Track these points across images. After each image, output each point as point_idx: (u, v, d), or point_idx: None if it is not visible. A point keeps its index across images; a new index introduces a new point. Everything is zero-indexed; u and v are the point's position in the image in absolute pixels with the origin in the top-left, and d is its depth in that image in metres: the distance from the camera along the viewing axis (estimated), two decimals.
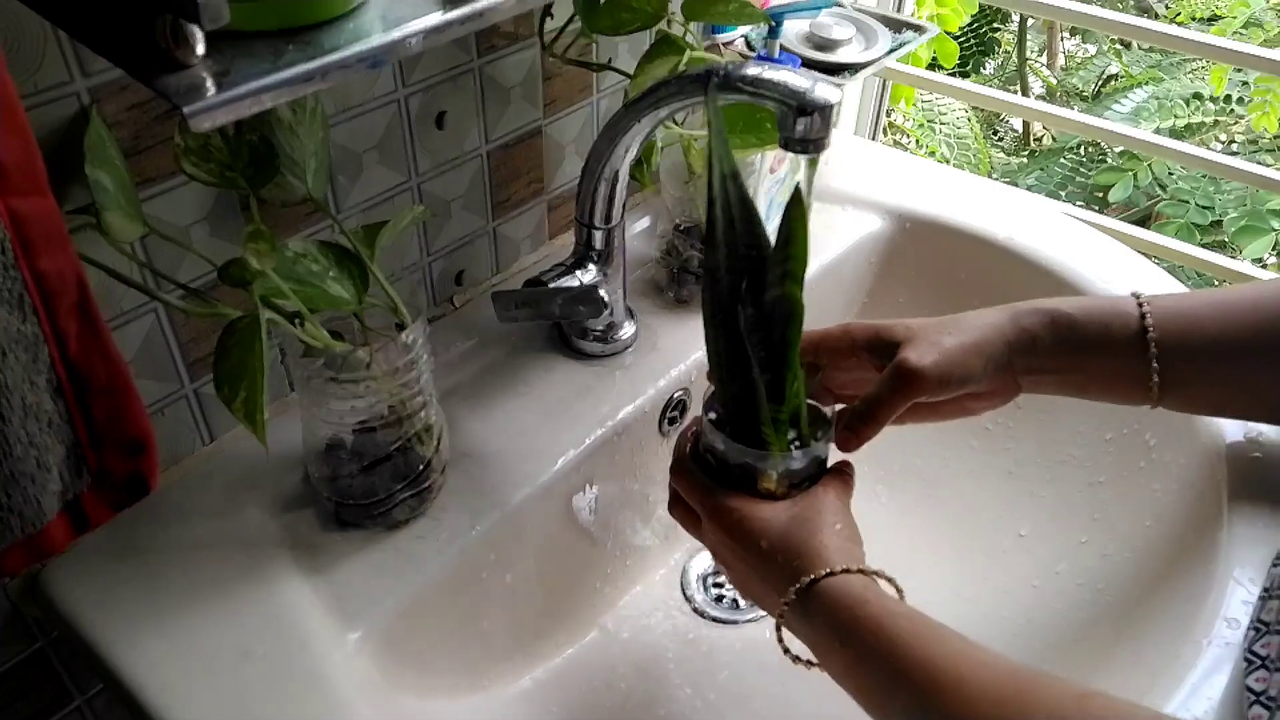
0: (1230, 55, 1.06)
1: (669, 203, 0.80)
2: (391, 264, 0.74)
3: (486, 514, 0.65)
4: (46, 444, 0.44)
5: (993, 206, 0.91)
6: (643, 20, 0.67)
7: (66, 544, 0.48)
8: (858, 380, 0.63)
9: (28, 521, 0.44)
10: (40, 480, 0.44)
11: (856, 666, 0.50)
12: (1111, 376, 0.60)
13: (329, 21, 0.43)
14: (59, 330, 0.43)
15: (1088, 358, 0.60)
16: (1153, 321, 0.59)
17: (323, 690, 0.55)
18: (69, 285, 0.42)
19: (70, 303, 0.42)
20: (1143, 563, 0.70)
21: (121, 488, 0.49)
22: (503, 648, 0.70)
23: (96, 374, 0.45)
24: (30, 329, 0.41)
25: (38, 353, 0.42)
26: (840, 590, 0.51)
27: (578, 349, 0.78)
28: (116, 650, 0.56)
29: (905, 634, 0.48)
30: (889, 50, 0.87)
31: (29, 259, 0.40)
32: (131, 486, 0.50)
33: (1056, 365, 0.60)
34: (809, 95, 0.55)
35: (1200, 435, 0.70)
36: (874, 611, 0.50)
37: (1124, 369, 0.59)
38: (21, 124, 0.38)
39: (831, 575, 0.52)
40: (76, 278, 0.42)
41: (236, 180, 0.53)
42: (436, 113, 0.70)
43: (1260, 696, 0.50)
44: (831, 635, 0.51)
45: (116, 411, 0.47)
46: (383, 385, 0.58)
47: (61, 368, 0.43)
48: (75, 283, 0.42)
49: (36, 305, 0.41)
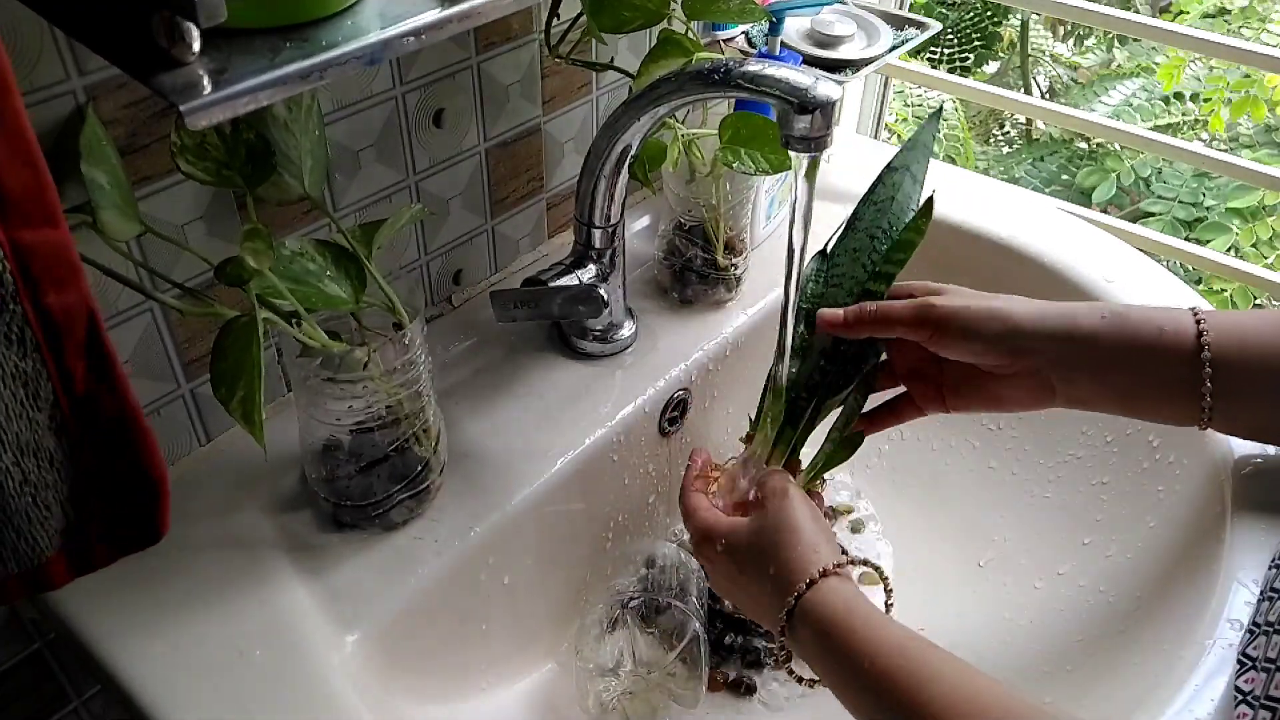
0: (1228, 51, 1.06)
1: (671, 201, 0.79)
2: (389, 263, 0.73)
3: (485, 515, 0.65)
4: (46, 482, 0.43)
5: (993, 205, 0.91)
6: (645, 18, 0.66)
7: (65, 582, 0.47)
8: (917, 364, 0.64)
9: (22, 557, 0.44)
10: (37, 518, 0.43)
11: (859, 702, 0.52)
12: (1162, 386, 0.58)
13: (326, 18, 0.43)
14: (64, 367, 0.41)
15: (1140, 362, 0.58)
16: (1209, 332, 0.56)
17: (320, 692, 0.54)
18: (77, 322, 0.40)
19: (78, 340, 0.41)
20: (1145, 564, 0.70)
21: (130, 531, 0.48)
22: (501, 650, 0.69)
23: (105, 414, 0.43)
24: (31, 365, 0.40)
25: (38, 389, 0.41)
26: (822, 610, 0.54)
27: (577, 349, 0.77)
28: (113, 651, 0.56)
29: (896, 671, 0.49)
30: (891, 47, 0.87)
31: (33, 293, 0.39)
32: (141, 531, 0.48)
33: (1105, 363, 0.58)
34: (810, 92, 0.54)
35: (1204, 436, 0.69)
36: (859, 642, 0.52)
37: (1175, 380, 0.57)
38: (33, 153, 0.37)
39: (813, 584, 0.54)
40: (87, 314, 0.41)
41: (233, 179, 0.53)
42: (434, 110, 0.70)
43: (1247, 696, 0.50)
44: (826, 664, 0.54)
45: (127, 454, 0.45)
46: (380, 385, 0.57)
47: (67, 405, 0.42)
48: (85, 319, 0.41)
49: (39, 340, 0.40)
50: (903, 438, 0.88)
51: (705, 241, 0.79)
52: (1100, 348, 0.58)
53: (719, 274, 0.81)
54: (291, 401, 0.69)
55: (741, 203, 0.79)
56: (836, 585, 0.54)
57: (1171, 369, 0.57)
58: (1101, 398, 0.60)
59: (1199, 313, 0.58)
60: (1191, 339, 0.57)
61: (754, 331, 0.82)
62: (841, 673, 0.52)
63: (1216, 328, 0.57)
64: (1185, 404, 0.57)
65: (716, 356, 0.80)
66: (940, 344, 0.59)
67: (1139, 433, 0.75)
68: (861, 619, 0.52)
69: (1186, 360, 0.57)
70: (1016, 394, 0.61)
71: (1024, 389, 0.61)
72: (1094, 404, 0.60)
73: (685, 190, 0.78)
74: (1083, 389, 0.59)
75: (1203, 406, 0.57)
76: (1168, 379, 0.57)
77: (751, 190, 0.80)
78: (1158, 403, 0.59)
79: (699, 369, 0.78)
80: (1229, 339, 0.57)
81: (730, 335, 0.81)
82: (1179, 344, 0.57)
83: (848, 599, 0.54)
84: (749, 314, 0.82)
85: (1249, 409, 0.58)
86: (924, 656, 0.50)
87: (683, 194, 0.78)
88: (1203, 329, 0.57)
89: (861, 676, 0.50)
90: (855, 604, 0.53)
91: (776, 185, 0.86)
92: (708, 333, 0.80)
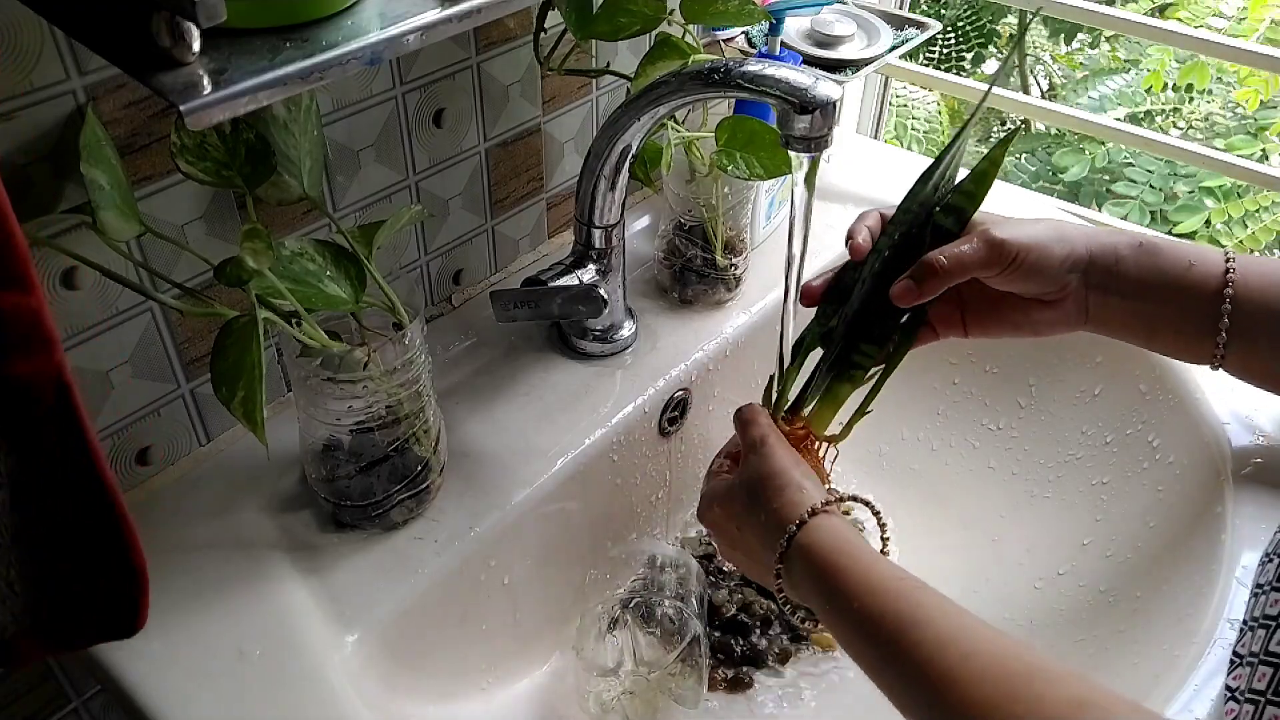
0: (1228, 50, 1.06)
1: (671, 201, 0.79)
2: (389, 263, 0.73)
3: (485, 515, 0.65)
4: (8, 559, 0.40)
5: (993, 204, 0.91)
6: (641, 23, 0.66)
7: (36, 659, 0.44)
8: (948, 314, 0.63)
9: None
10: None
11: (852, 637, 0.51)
12: (1182, 320, 0.58)
13: (326, 18, 0.43)
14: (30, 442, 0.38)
15: (1165, 291, 0.58)
16: (1235, 271, 0.57)
17: (320, 692, 0.54)
18: (46, 393, 0.37)
19: (46, 412, 0.38)
20: (1145, 564, 0.70)
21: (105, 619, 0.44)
22: (502, 650, 0.69)
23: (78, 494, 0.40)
24: None
25: None
26: (815, 550, 0.53)
27: (577, 349, 0.77)
28: (113, 651, 0.55)
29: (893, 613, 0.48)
30: (891, 47, 0.87)
31: None
32: (116, 620, 0.45)
33: (1133, 290, 0.59)
34: (810, 92, 0.54)
35: (1204, 436, 0.69)
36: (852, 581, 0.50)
37: (1196, 314, 0.58)
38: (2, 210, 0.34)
39: (803, 525, 0.53)
40: (57, 386, 0.38)
41: (233, 179, 0.53)
42: (434, 110, 0.70)
43: (1235, 692, 0.50)
44: (821, 606, 0.52)
45: (103, 537, 0.42)
46: (380, 385, 0.57)
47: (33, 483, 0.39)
48: (55, 391, 0.38)
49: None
50: (902, 438, 0.88)
51: (705, 241, 0.79)
52: (1130, 277, 0.58)
53: (719, 274, 0.81)
54: (291, 401, 0.69)
55: (741, 203, 0.79)
56: (826, 523, 0.54)
57: (1193, 303, 0.58)
58: (1128, 326, 0.60)
59: (1230, 254, 0.58)
60: (1218, 276, 0.57)
61: (754, 331, 0.82)
62: (836, 612, 0.51)
63: (1244, 269, 0.58)
64: (1201, 341, 0.58)
65: (716, 356, 0.80)
66: (1008, 279, 0.58)
67: (1139, 432, 0.75)
68: (853, 557, 0.51)
69: (1209, 297, 0.57)
70: (1050, 318, 0.61)
71: (1061, 313, 0.60)
72: (1120, 331, 0.61)
73: (685, 190, 0.78)
74: (1113, 314, 0.60)
75: (1217, 343, 0.58)
76: (1189, 313, 0.58)
77: (751, 190, 0.80)
78: (1176, 337, 0.60)
79: (699, 369, 0.78)
80: (1254, 281, 0.57)
81: (730, 335, 0.81)
82: (1205, 280, 0.58)
83: (838, 536, 0.53)
84: (749, 314, 0.82)
85: (1264, 354, 0.58)
86: (916, 597, 0.49)
87: (683, 194, 0.78)
88: (1230, 268, 0.57)
89: (854, 615, 0.49)
90: (846, 542, 0.52)
91: (777, 185, 0.86)
92: (708, 333, 0.80)
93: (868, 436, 0.74)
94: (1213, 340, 0.58)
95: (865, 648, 0.49)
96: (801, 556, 0.53)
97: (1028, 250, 0.57)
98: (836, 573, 0.51)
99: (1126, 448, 0.76)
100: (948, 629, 0.47)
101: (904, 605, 0.48)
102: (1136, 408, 0.76)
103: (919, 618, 0.48)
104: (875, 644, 0.49)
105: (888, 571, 0.51)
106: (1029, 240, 0.57)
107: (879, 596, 0.49)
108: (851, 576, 0.51)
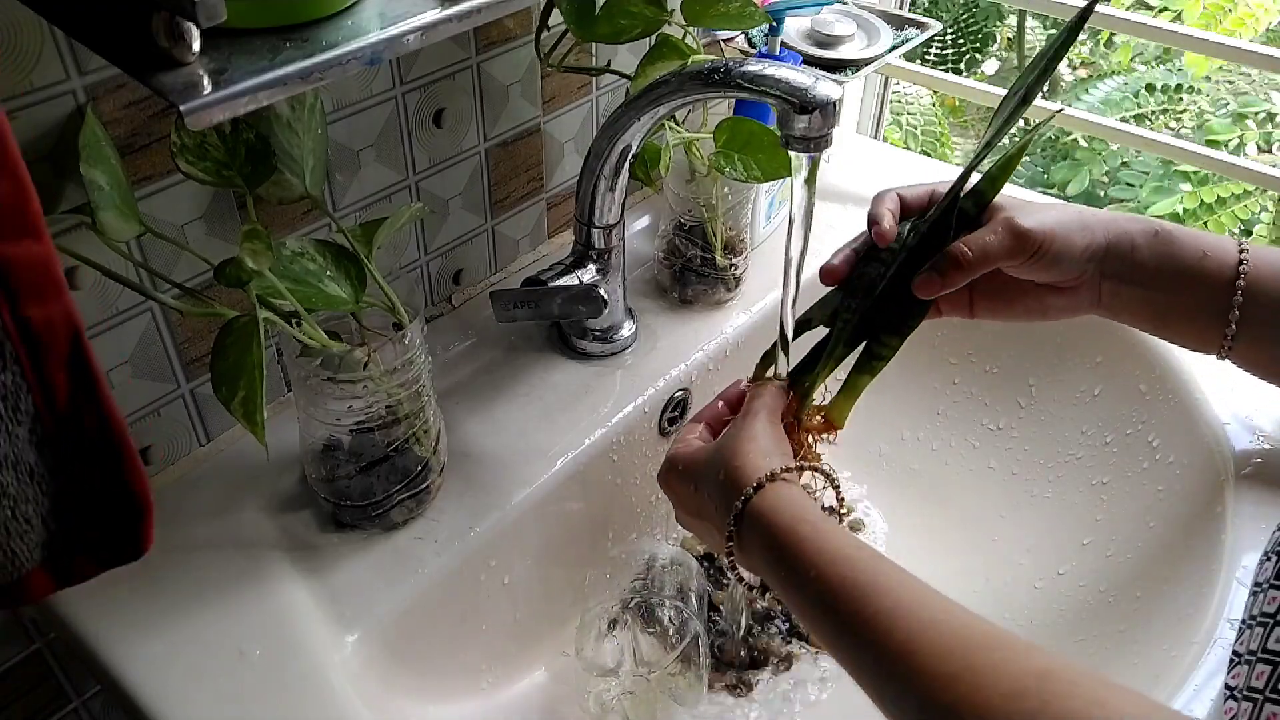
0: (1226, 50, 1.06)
1: (671, 201, 0.79)
2: (389, 263, 0.73)
3: (485, 515, 0.65)
4: (26, 495, 0.42)
5: None
6: (643, 26, 0.66)
7: (45, 595, 0.46)
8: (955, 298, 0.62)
9: (2, 569, 0.43)
10: (16, 531, 0.43)
11: (807, 606, 0.49)
12: (1194, 309, 0.59)
13: (326, 18, 0.43)
14: (46, 381, 0.41)
15: (1179, 281, 0.58)
16: (1249, 262, 0.57)
17: (320, 692, 0.54)
18: (59, 336, 0.40)
19: (60, 354, 0.41)
20: (1145, 564, 0.70)
21: (112, 546, 0.47)
22: (502, 650, 0.69)
23: (87, 428, 0.43)
24: (10, 378, 0.40)
25: (19, 403, 0.40)
26: (770, 516, 0.51)
27: (577, 349, 0.77)
28: (113, 651, 0.56)
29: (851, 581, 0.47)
30: (891, 47, 0.87)
31: (13, 305, 0.38)
32: (123, 546, 0.47)
33: (1148, 279, 0.59)
34: (810, 92, 0.54)
35: (1204, 436, 0.69)
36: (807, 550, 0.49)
37: (1208, 304, 0.58)
38: (14, 162, 0.36)
39: (760, 489, 0.52)
40: (69, 328, 0.40)
41: (233, 179, 0.53)
42: (435, 110, 0.70)
43: (1234, 690, 0.51)
44: (775, 574, 0.51)
45: (109, 468, 0.45)
46: (380, 385, 0.57)
47: (48, 419, 0.42)
48: (67, 333, 0.40)
49: (19, 353, 0.39)
50: (902, 438, 0.88)
51: (705, 241, 0.79)
52: (1146, 266, 0.58)
53: (719, 274, 0.81)
54: (291, 401, 0.69)
55: (741, 203, 0.79)
56: (784, 490, 0.52)
57: (1206, 293, 0.58)
58: (1139, 314, 0.60)
59: (1244, 244, 0.58)
60: (1231, 266, 0.58)
61: (754, 331, 0.82)
62: (790, 582, 0.50)
63: (1258, 260, 0.58)
64: (1210, 330, 0.58)
65: (716, 356, 0.80)
66: (1028, 268, 0.58)
67: (1139, 432, 0.75)
68: (810, 526, 0.50)
69: (1221, 287, 0.58)
70: (1062, 304, 0.61)
71: (1073, 299, 0.60)
72: (1130, 318, 0.61)
73: (685, 190, 0.78)
74: (1126, 302, 0.60)
75: (1226, 333, 0.58)
76: (1201, 302, 0.58)
77: (751, 190, 0.80)
78: (1187, 325, 0.60)
79: (699, 369, 0.78)
80: (1267, 271, 0.57)
81: (730, 335, 0.81)
82: (1218, 269, 0.58)
83: (795, 505, 0.52)
84: (749, 314, 0.82)
85: (1271, 345, 0.58)
86: (874, 567, 0.48)
87: (683, 194, 0.78)
88: (1244, 258, 0.58)
89: (811, 584, 0.48)
90: (803, 510, 0.51)
91: (777, 185, 0.86)
92: (708, 333, 0.80)
93: (868, 436, 0.74)
94: (1221, 330, 0.58)
95: (822, 617, 0.48)
96: (756, 522, 0.52)
97: (1051, 240, 0.57)
98: (793, 540, 0.50)
99: (1126, 448, 0.76)
100: (908, 598, 0.46)
101: (862, 574, 0.47)
102: (1136, 408, 0.76)
103: (879, 585, 0.47)
104: (833, 613, 0.47)
105: (845, 540, 0.50)
106: (1052, 228, 0.57)
107: (838, 565, 0.48)
108: (809, 544, 0.49)
